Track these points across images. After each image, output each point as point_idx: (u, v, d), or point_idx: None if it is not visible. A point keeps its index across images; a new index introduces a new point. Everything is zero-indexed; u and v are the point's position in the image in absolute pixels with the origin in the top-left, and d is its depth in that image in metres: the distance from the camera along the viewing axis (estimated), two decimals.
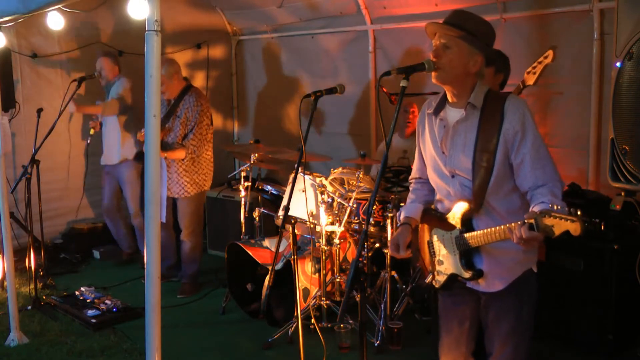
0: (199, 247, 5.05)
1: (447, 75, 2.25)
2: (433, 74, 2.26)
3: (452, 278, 2.36)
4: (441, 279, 2.40)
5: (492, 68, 3.39)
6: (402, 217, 2.52)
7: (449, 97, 2.35)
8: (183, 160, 4.72)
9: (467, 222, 2.29)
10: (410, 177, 2.69)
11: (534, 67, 3.66)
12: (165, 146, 4.62)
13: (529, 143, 2.20)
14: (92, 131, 5.41)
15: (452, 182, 2.34)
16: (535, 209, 2.11)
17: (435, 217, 2.44)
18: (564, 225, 1.84)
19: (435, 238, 2.42)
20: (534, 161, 2.20)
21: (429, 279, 2.46)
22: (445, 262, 2.38)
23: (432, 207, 2.51)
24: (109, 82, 5.32)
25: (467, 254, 2.30)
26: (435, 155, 2.39)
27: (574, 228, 1.81)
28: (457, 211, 2.31)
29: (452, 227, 2.33)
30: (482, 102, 2.26)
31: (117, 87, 5.24)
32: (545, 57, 3.66)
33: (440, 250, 2.40)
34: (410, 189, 2.66)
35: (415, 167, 2.64)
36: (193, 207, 4.91)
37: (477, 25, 2.27)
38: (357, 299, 3.12)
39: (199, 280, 5.06)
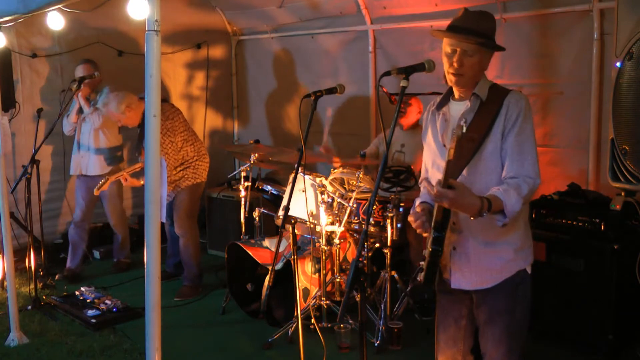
0: (195, 244, 4.97)
1: (468, 80, 2.30)
2: (453, 79, 2.29)
3: (429, 266, 2.30)
4: (424, 269, 2.38)
5: None
6: (416, 204, 2.49)
7: (455, 94, 2.39)
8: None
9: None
10: (420, 180, 2.68)
11: None
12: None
13: (514, 135, 2.23)
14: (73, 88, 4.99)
15: None
16: (488, 192, 2.16)
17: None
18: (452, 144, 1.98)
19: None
20: (515, 153, 2.23)
21: (419, 277, 2.44)
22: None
23: None
24: (89, 91, 5.21)
25: (438, 229, 2.23)
26: (436, 149, 2.41)
27: (454, 138, 1.97)
28: None
29: None
30: (487, 94, 2.30)
31: (104, 96, 5.12)
32: None
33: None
34: (422, 190, 2.64)
35: (423, 167, 2.63)
36: (186, 197, 4.88)
37: (489, 24, 2.33)
38: (357, 299, 3.12)
39: (199, 283, 5.04)
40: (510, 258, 2.31)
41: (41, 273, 5.04)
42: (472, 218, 2.12)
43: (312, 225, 4.10)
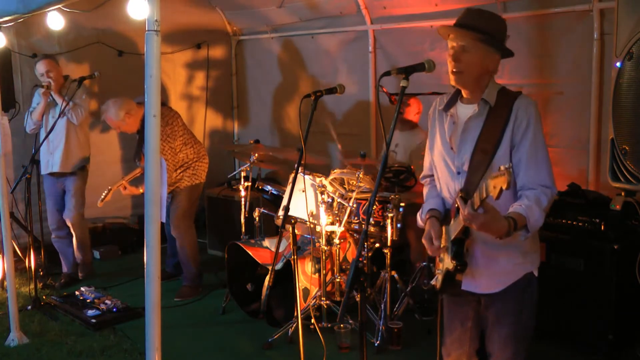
0: (191, 244, 4.95)
1: (467, 78, 2.27)
2: (452, 77, 2.26)
3: (447, 276, 2.33)
4: (440, 278, 2.40)
5: None
6: (424, 212, 2.48)
7: (463, 94, 2.36)
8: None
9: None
10: (422, 175, 2.66)
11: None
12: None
13: (528, 143, 2.20)
14: (44, 85, 4.80)
15: (458, 179, 2.33)
16: (511, 209, 2.13)
17: (445, 214, 2.44)
18: (498, 182, 1.85)
19: (443, 235, 2.41)
20: (530, 162, 2.20)
21: (433, 281, 2.45)
22: (444, 259, 2.37)
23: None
24: (60, 86, 4.92)
25: (457, 243, 2.25)
26: (444, 151, 2.40)
27: (503, 181, 1.83)
28: (454, 203, 2.30)
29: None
30: (495, 99, 2.27)
31: (79, 93, 4.86)
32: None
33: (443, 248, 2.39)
34: (425, 187, 2.63)
35: (426, 164, 2.61)
36: (184, 198, 4.87)
37: (492, 23, 2.27)
38: (357, 299, 3.12)
39: (199, 283, 5.03)
40: (518, 261, 2.30)
41: (41, 273, 5.04)
42: (498, 239, 2.11)
43: (312, 225, 4.10)
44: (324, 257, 4.11)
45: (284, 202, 3.95)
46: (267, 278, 3.25)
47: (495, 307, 2.35)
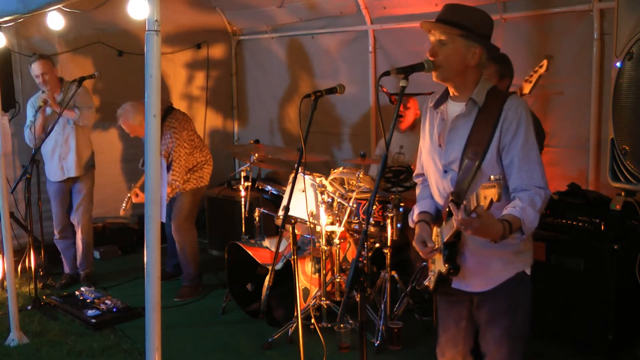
0: (191, 244, 4.95)
1: (447, 73, 2.23)
2: (433, 73, 2.24)
3: (439, 278, 2.32)
4: (433, 279, 2.39)
5: (495, 69, 3.39)
6: (415, 214, 2.47)
7: (450, 92, 2.34)
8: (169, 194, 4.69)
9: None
10: (415, 173, 2.65)
11: (530, 76, 3.70)
12: None
13: (519, 144, 2.18)
14: (41, 103, 4.73)
15: (445, 177, 2.32)
16: (505, 212, 2.12)
17: (436, 215, 2.43)
18: (489, 193, 1.85)
19: (435, 236, 2.41)
20: (522, 163, 2.18)
21: (426, 282, 2.45)
22: (436, 261, 2.36)
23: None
24: (56, 90, 4.87)
25: (450, 247, 2.24)
26: (432, 149, 2.38)
27: (494, 193, 1.82)
28: (445, 204, 2.29)
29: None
30: (484, 99, 2.25)
31: (80, 94, 4.77)
32: (540, 67, 3.71)
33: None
34: (418, 185, 2.62)
35: (419, 162, 2.60)
36: (188, 199, 4.88)
37: (472, 18, 2.24)
38: (357, 299, 3.12)
39: (199, 284, 5.03)
40: (509, 260, 2.29)
41: (41, 273, 5.04)
42: (493, 242, 2.09)
43: (312, 225, 4.10)
44: (324, 257, 4.11)
45: (284, 202, 3.95)
46: (267, 278, 3.25)
47: (488, 307, 2.34)
